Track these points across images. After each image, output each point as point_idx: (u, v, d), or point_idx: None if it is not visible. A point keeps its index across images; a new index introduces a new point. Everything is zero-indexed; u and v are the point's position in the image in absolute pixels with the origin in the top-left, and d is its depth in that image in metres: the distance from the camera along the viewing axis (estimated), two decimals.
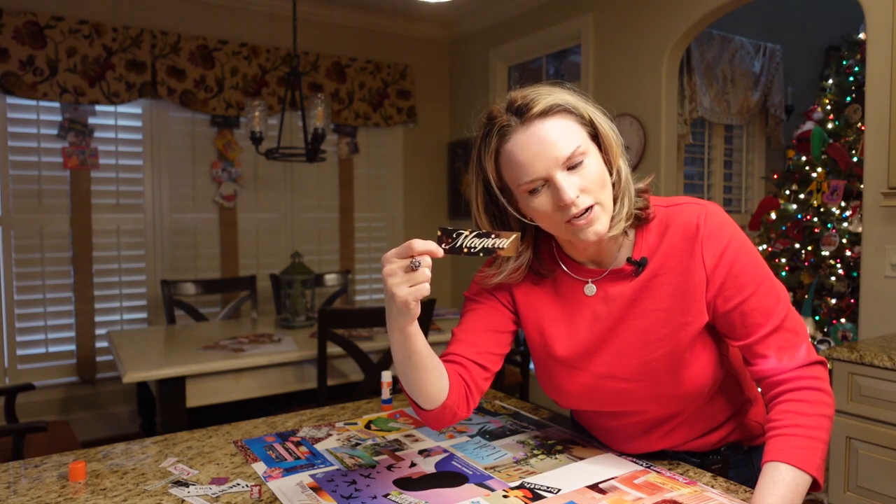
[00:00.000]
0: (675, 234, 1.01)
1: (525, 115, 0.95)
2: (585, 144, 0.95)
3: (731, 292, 0.98)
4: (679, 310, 1.00)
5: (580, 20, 3.76)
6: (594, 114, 0.98)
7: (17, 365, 3.59)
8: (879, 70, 2.39)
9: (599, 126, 0.98)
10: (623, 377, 1.03)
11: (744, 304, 0.98)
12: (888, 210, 2.39)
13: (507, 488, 1.02)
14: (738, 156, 4.22)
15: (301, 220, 4.43)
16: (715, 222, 0.99)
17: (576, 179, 0.94)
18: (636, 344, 1.02)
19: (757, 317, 0.97)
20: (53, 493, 1.02)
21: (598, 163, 0.96)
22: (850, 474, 2.09)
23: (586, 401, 1.08)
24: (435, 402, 0.99)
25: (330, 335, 2.45)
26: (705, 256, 0.99)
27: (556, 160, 0.93)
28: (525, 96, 0.97)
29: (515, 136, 0.96)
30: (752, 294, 0.98)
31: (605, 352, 1.04)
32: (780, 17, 4.21)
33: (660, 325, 1.01)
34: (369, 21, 4.55)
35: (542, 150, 0.93)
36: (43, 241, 3.62)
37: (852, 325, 2.85)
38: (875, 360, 1.99)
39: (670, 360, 1.00)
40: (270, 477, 1.08)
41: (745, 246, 1.00)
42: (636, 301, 1.02)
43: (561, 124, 0.95)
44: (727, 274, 0.98)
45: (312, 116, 3.06)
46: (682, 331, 1.00)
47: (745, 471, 1.15)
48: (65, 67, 3.53)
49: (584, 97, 1.00)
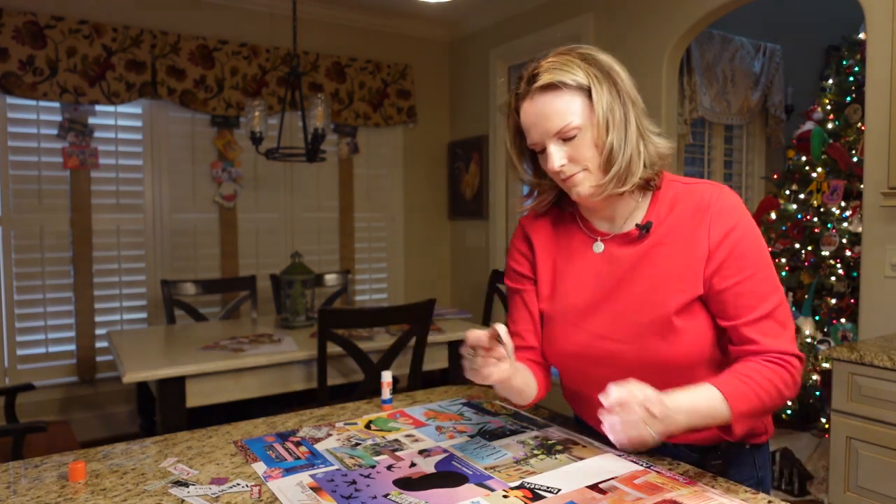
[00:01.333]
0: (685, 207, 1.07)
1: (531, 86, 1.06)
2: (580, 120, 1.03)
3: (730, 272, 1.02)
4: (677, 278, 1.05)
5: (580, 20, 3.76)
6: (597, 92, 1.03)
7: (16, 365, 3.59)
8: (879, 70, 2.39)
9: (595, 105, 1.03)
10: (615, 338, 1.08)
11: (739, 286, 1.02)
12: (888, 210, 2.39)
13: (507, 488, 1.02)
14: (738, 156, 4.22)
15: (301, 220, 4.43)
16: (727, 203, 1.05)
17: (566, 149, 1.05)
18: (632, 307, 1.07)
19: (749, 299, 1.02)
20: (53, 494, 1.02)
21: (593, 135, 1.04)
22: (850, 474, 2.09)
23: (581, 361, 1.13)
24: (528, 400, 1.20)
25: (330, 335, 2.45)
26: (712, 232, 1.04)
27: (548, 132, 1.05)
28: (537, 67, 1.07)
29: (523, 103, 1.08)
30: (749, 277, 1.02)
31: (602, 311, 1.10)
32: (781, 17, 4.21)
33: (656, 290, 1.06)
34: (369, 21, 4.55)
35: (537, 121, 1.05)
36: (43, 241, 3.62)
37: (852, 325, 2.85)
38: (875, 360, 1.99)
39: (659, 325, 1.05)
40: (270, 477, 1.08)
41: (753, 232, 1.05)
42: (638, 265, 1.08)
43: (559, 100, 1.04)
44: (730, 253, 1.03)
45: (312, 116, 3.06)
46: (674, 297, 1.04)
47: (748, 469, 1.16)
48: (65, 67, 3.52)
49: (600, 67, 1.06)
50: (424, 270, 4.95)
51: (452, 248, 5.07)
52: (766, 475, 1.19)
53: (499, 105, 4.46)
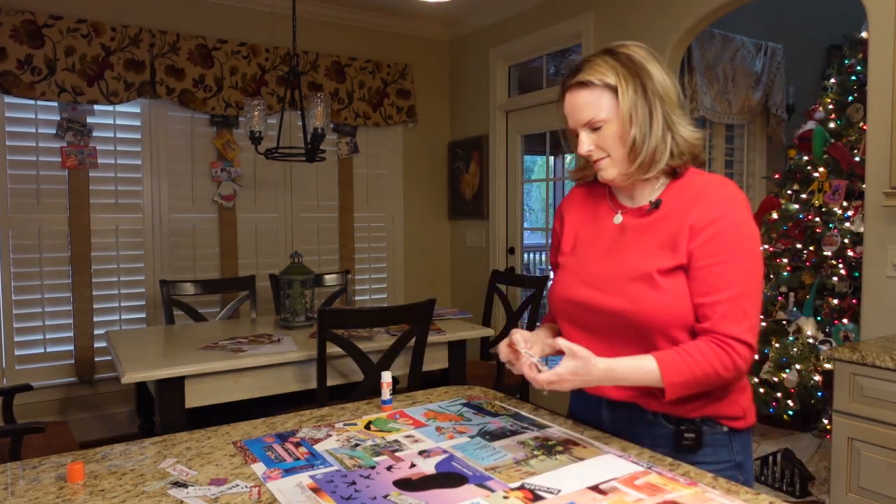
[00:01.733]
0: (691, 190, 1.21)
1: (571, 79, 1.22)
2: (607, 115, 1.19)
3: (708, 252, 1.14)
4: (668, 245, 1.18)
5: (580, 19, 3.76)
6: (623, 92, 1.18)
7: (14, 365, 3.58)
8: (881, 69, 2.38)
9: (620, 103, 1.18)
10: (606, 291, 1.22)
11: (712, 266, 1.14)
12: (890, 210, 2.39)
13: (507, 489, 1.01)
14: (740, 155, 4.21)
15: (300, 220, 4.43)
16: (725, 193, 1.18)
17: (594, 137, 1.22)
18: (625, 266, 1.21)
19: (718, 282, 1.13)
20: (51, 495, 1.02)
21: (618, 128, 1.19)
22: (851, 475, 2.08)
23: (575, 307, 1.27)
24: None
25: (329, 335, 2.44)
26: (703, 213, 1.16)
27: (579, 121, 1.22)
28: (580, 63, 1.23)
29: (566, 93, 1.25)
30: (723, 262, 1.13)
31: (602, 268, 1.25)
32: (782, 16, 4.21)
33: (647, 254, 1.20)
34: (369, 21, 4.55)
35: (572, 111, 1.23)
36: (41, 241, 3.61)
37: (854, 326, 2.85)
38: (877, 360, 1.98)
39: (643, 280, 1.17)
40: (270, 478, 1.07)
41: (742, 226, 1.16)
42: (641, 234, 1.23)
43: (591, 95, 1.20)
44: (713, 236, 1.14)
45: (312, 116, 3.05)
46: (659, 260, 1.18)
47: (725, 451, 1.22)
48: (63, 67, 3.52)
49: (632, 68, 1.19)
50: (424, 270, 4.95)
51: (452, 248, 5.07)
52: (745, 460, 1.24)
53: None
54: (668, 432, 1.21)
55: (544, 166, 4.55)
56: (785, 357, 3.02)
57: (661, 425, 1.22)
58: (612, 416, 1.28)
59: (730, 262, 1.13)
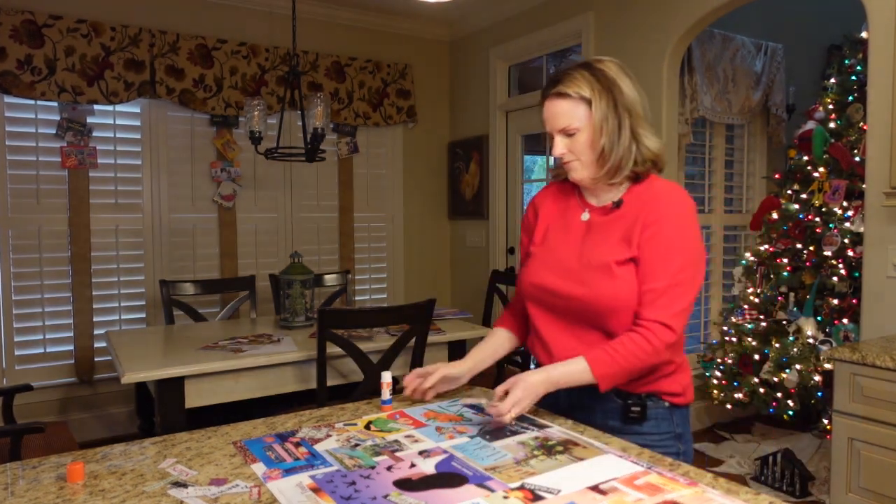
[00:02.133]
0: (648, 194, 1.36)
1: (551, 89, 1.36)
2: (580, 123, 1.34)
3: (651, 246, 1.31)
4: (624, 240, 1.34)
5: (580, 19, 3.76)
6: (596, 105, 1.33)
7: (14, 365, 3.58)
8: (881, 69, 2.38)
9: (594, 115, 1.33)
10: (569, 278, 1.37)
11: (652, 259, 1.30)
12: (890, 210, 2.39)
13: (507, 489, 1.01)
14: (740, 155, 4.21)
15: (300, 220, 4.43)
16: (676, 200, 1.35)
17: (567, 142, 1.37)
18: (587, 256, 1.36)
19: (654, 272, 1.29)
20: (51, 495, 1.01)
21: (589, 136, 1.34)
22: (851, 475, 2.08)
23: (542, 293, 1.42)
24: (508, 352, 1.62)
25: (329, 335, 2.44)
26: (652, 212, 1.32)
27: (555, 127, 1.37)
28: (558, 74, 1.37)
29: (545, 100, 1.39)
30: (659, 256, 1.30)
31: (568, 259, 1.39)
32: (782, 16, 4.20)
33: (609, 248, 1.34)
34: (369, 21, 4.55)
35: (549, 117, 1.38)
36: (41, 241, 3.61)
37: (854, 326, 2.85)
38: (877, 360, 1.98)
39: (602, 269, 1.33)
40: (270, 478, 1.07)
41: (684, 229, 1.32)
42: (603, 229, 1.38)
43: (567, 105, 1.34)
44: (655, 233, 1.31)
45: (312, 116, 3.05)
46: (616, 252, 1.33)
47: (666, 423, 1.39)
48: (63, 67, 3.52)
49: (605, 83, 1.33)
50: (424, 270, 4.95)
51: (452, 248, 5.07)
52: (684, 432, 1.42)
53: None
54: (618, 406, 1.37)
55: (544, 166, 4.55)
56: (785, 357, 3.02)
57: (612, 400, 1.37)
58: (569, 393, 1.40)
59: (665, 256, 1.30)
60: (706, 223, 4.02)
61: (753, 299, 3.41)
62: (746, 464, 3.38)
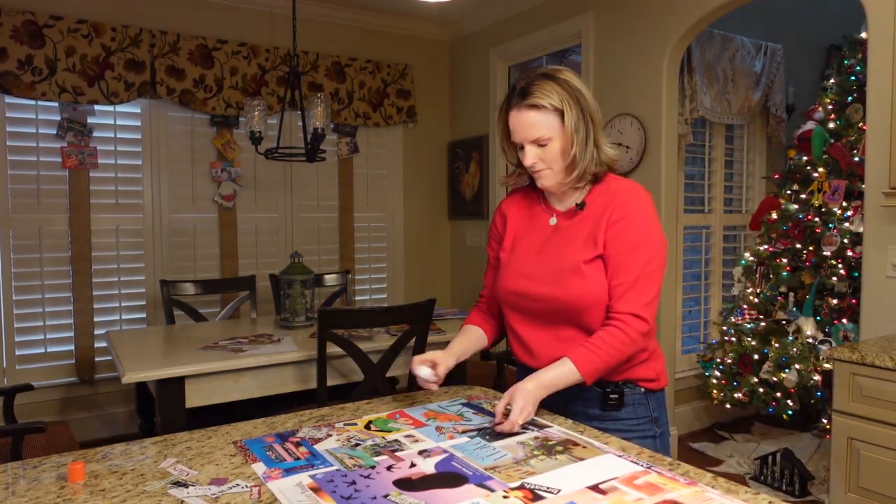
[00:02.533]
0: (608, 193, 1.43)
1: (521, 100, 1.39)
2: (552, 133, 1.38)
3: (617, 242, 1.37)
4: (590, 239, 1.40)
5: (580, 19, 3.76)
6: (568, 115, 1.37)
7: (15, 365, 3.58)
8: (881, 69, 2.39)
9: (566, 124, 1.38)
10: (540, 280, 1.43)
11: (619, 255, 1.37)
12: (889, 210, 2.39)
13: (507, 489, 1.01)
14: (739, 155, 4.21)
15: (301, 220, 4.43)
16: (636, 197, 1.41)
17: (538, 151, 1.40)
18: (556, 257, 1.42)
19: (621, 266, 1.36)
20: (52, 494, 1.02)
21: (560, 145, 1.39)
22: (851, 475, 2.09)
23: (517, 297, 1.47)
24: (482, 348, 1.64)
25: (330, 335, 2.44)
26: (615, 210, 1.39)
27: (527, 138, 1.40)
28: (528, 85, 1.39)
29: (512, 111, 1.42)
30: (627, 251, 1.36)
31: (538, 261, 1.45)
32: (782, 16, 4.20)
33: (574, 247, 1.41)
34: (369, 21, 4.55)
35: (521, 128, 1.40)
36: (42, 241, 3.62)
37: (853, 326, 2.85)
38: (876, 360, 1.99)
39: (571, 269, 1.39)
40: (270, 477, 1.07)
41: (645, 225, 1.39)
42: (569, 230, 1.45)
43: (539, 117, 1.38)
44: (621, 230, 1.38)
45: (312, 116, 3.05)
46: (584, 251, 1.39)
47: (643, 408, 1.46)
48: (63, 67, 3.52)
49: (572, 93, 1.38)
50: (424, 270, 4.95)
51: (452, 248, 5.07)
52: (661, 416, 1.49)
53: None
54: (597, 394, 1.44)
55: None
56: (785, 357, 3.02)
57: (591, 389, 1.44)
58: None
59: (631, 251, 1.36)
60: (706, 223, 4.02)
61: (753, 299, 3.41)
62: (746, 463, 3.38)
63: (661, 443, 1.48)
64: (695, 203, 4.02)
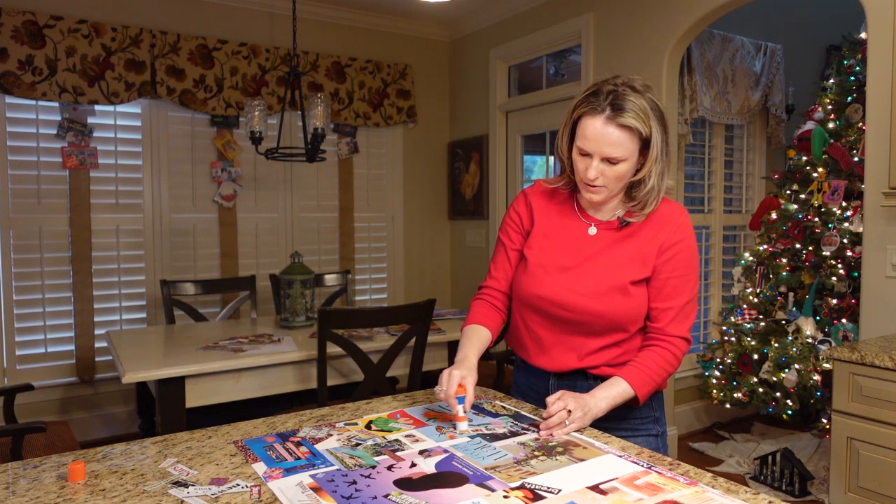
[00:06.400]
0: (656, 215, 1.43)
1: (610, 113, 1.30)
2: (628, 155, 1.33)
3: (669, 267, 1.40)
4: (638, 261, 1.41)
5: (580, 20, 3.76)
6: (655, 148, 1.34)
7: (15, 365, 3.58)
8: (880, 69, 2.39)
9: (651, 153, 1.34)
10: (581, 293, 1.41)
11: (670, 279, 1.40)
12: (889, 210, 2.39)
13: (507, 489, 1.01)
14: (739, 155, 4.21)
15: (301, 220, 4.43)
16: (686, 223, 1.44)
17: (604, 167, 1.34)
18: (601, 273, 1.41)
19: (671, 291, 1.41)
20: (52, 494, 1.02)
21: (629, 168, 1.35)
22: (850, 475, 2.09)
23: (547, 303, 1.44)
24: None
25: (330, 335, 2.44)
26: (670, 236, 1.41)
27: (601, 152, 1.33)
28: (622, 100, 1.30)
29: (595, 118, 1.32)
30: (678, 276, 1.40)
31: (576, 272, 1.43)
32: (781, 16, 4.21)
33: (621, 265, 1.41)
34: (369, 21, 4.55)
35: (600, 140, 1.32)
36: (42, 241, 3.62)
37: (853, 326, 2.85)
38: (876, 360, 1.99)
39: (619, 288, 1.39)
40: (270, 477, 1.07)
41: (693, 249, 1.44)
42: (613, 246, 1.43)
43: (624, 137, 1.31)
44: (674, 256, 1.40)
45: (312, 116, 3.05)
46: (633, 272, 1.40)
47: (646, 408, 1.49)
48: (64, 67, 3.52)
49: (660, 120, 1.34)
50: (424, 270, 4.95)
51: (452, 248, 5.07)
52: (661, 415, 1.53)
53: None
54: (587, 387, 1.43)
55: (544, 166, 4.55)
56: (784, 357, 3.02)
57: (593, 385, 1.43)
58: (559, 385, 1.48)
59: (683, 276, 1.41)
60: (706, 223, 4.02)
61: (753, 299, 3.41)
62: (746, 463, 3.39)
63: (661, 442, 1.52)
64: (695, 203, 4.02)
